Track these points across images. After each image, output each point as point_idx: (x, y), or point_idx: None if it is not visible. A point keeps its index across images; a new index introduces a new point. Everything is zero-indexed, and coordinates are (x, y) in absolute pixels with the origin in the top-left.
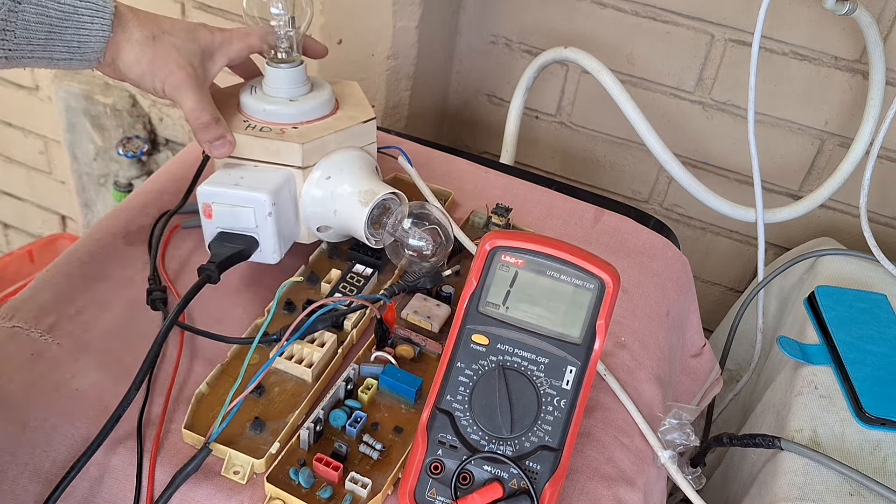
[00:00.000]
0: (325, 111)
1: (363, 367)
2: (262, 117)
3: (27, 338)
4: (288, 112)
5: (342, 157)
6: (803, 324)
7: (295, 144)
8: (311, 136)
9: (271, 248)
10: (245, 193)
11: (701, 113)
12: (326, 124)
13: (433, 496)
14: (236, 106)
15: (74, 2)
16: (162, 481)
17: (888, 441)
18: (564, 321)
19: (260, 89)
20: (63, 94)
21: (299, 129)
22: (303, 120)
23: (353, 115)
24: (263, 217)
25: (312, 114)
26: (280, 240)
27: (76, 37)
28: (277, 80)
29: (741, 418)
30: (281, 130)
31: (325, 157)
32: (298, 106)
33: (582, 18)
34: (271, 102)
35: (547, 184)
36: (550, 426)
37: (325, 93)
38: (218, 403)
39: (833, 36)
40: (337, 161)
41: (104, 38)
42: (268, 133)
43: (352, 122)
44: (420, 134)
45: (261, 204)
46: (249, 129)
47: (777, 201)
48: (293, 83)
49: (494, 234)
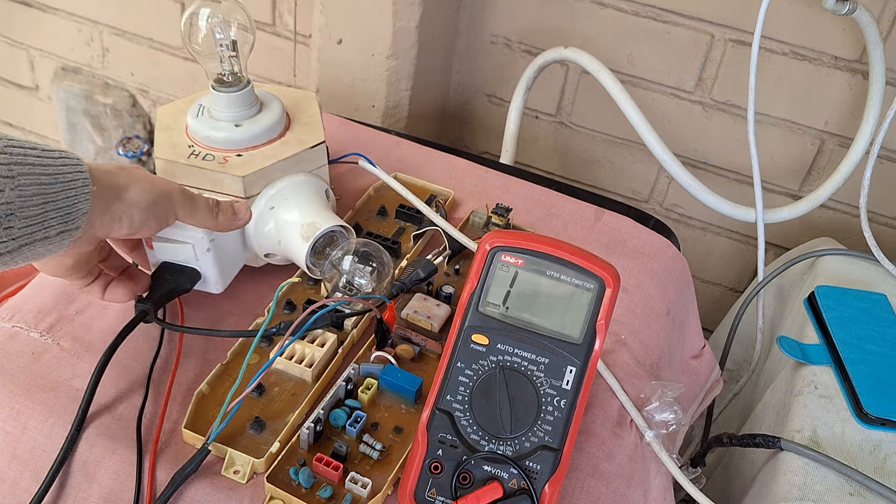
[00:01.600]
0: (272, 135)
1: (363, 366)
2: (206, 143)
3: (27, 338)
4: (233, 139)
5: (287, 185)
6: (803, 324)
7: (236, 177)
8: (254, 165)
9: (213, 280)
10: (182, 231)
11: (701, 113)
12: (273, 151)
13: (433, 496)
14: (184, 128)
15: (53, 160)
16: (162, 481)
17: (888, 441)
18: (564, 321)
19: (207, 111)
20: (63, 94)
21: (244, 156)
22: (248, 146)
23: (302, 138)
24: (203, 252)
25: (258, 139)
26: (222, 271)
27: (65, 200)
28: (222, 104)
29: (741, 418)
30: (224, 159)
31: (270, 185)
32: (244, 131)
33: (582, 18)
34: (216, 128)
35: (547, 184)
36: (550, 426)
37: (273, 114)
38: (218, 403)
39: (833, 36)
40: (282, 189)
41: (87, 193)
42: (210, 162)
43: (300, 146)
44: (420, 134)
45: (199, 241)
46: (192, 157)
47: (777, 201)
48: (239, 107)
49: (494, 234)
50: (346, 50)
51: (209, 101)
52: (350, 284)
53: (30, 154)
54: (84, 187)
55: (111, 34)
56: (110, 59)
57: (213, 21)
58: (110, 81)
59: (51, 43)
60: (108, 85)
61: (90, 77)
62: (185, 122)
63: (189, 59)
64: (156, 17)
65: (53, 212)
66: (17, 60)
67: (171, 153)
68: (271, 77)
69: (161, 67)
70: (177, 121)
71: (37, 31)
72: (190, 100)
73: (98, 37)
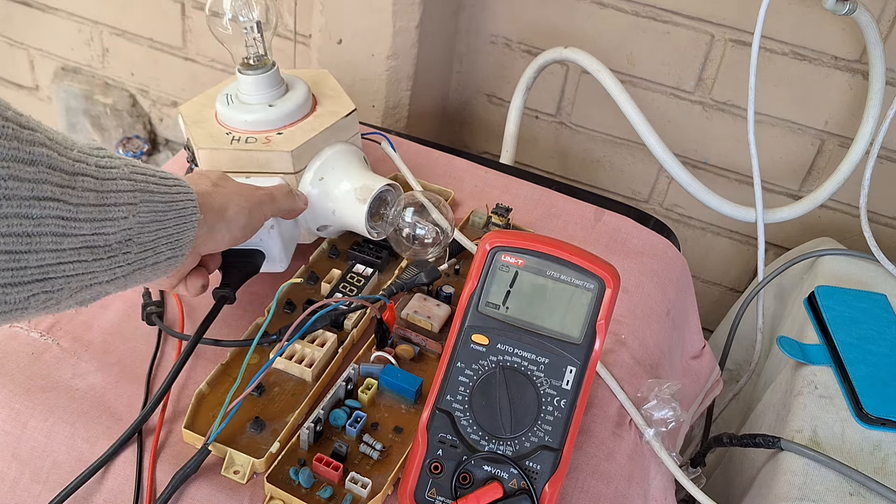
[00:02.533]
0: (305, 110)
1: (363, 366)
2: (244, 127)
3: (27, 338)
4: (270, 118)
5: (331, 154)
6: (803, 324)
7: (283, 153)
8: (298, 140)
9: (278, 257)
10: None
11: (701, 113)
12: (310, 124)
13: (433, 496)
14: (214, 117)
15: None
16: (162, 481)
17: (888, 441)
18: (564, 321)
19: (236, 97)
20: (63, 94)
21: (284, 133)
22: (286, 123)
23: (334, 109)
24: (266, 231)
25: (294, 116)
26: (285, 248)
27: (176, 227)
28: (253, 86)
29: (741, 418)
30: (266, 139)
31: (315, 157)
32: (278, 110)
33: (582, 18)
34: (251, 111)
35: (547, 184)
36: (550, 426)
37: (302, 91)
38: (218, 403)
39: (833, 36)
40: (327, 160)
41: (195, 221)
42: (254, 144)
43: (335, 117)
44: (420, 134)
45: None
46: (235, 143)
47: (777, 201)
48: (269, 87)
49: (494, 234)
50: (346, 50)
51: (236, 88)
52: (412, 238)
53: (150, 181)
54: (193, 216)
55: (111, 34)
56: (110, 59)
57: (238, 4)
58: (110, 81)
59: (51, 43)
60: (108, 85)
61: (90, 77)
62: (213, 113)
63: (189, 59)
64: (156, 17)
65: (164, 238)
66: (17, 60)
67: (213, 142)
68: None
69: (161, 67)
70: (202, 114)
71: (37, 31)
72: (207, 95)
73: (98, 37)
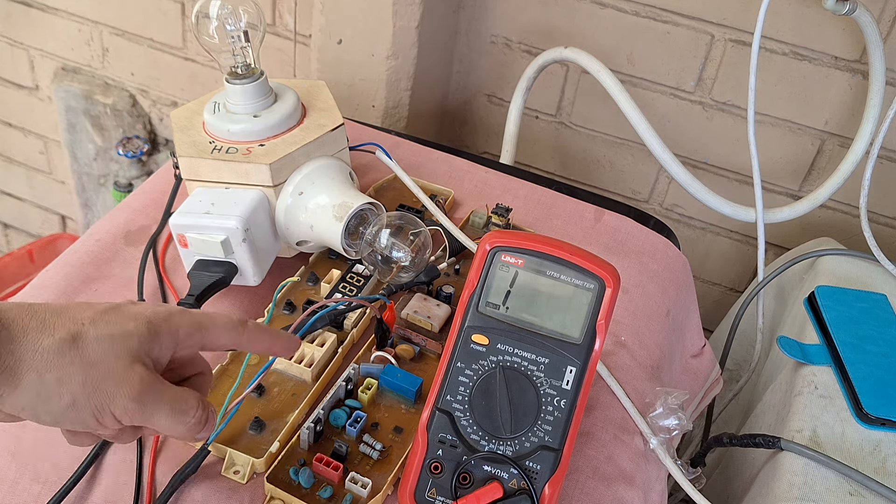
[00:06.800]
0: (291, 123)
1: (363, 366)
2: (228, 137)
3: None
4: (254, 129)
5: (313, 169)
6: (803, 324)
7: (262, 165)
8: (278, 153)
9: (250, 272)
10: (217, 222)
11: (701, 113)
12: (294, 137)
13: (433, 496)
14: (202, 125)
15: None
16: (162, 481)
17: (888, 441)
18: (564, 321)
19: (223, 106)
20: (63, 94)
21: (266, 145)
22: (269, 136)
23: (322, 122)
24: (238, 244)
25: (278, 128)
26: (258, 262)
27: None
28: (239, 96)
29: (741, 418)
30: (247, 150)
31: (296, 171)
32: (263, 121)
33: (582, 18)
34: (235, 121)
35: (547, 184)
36: (550, 426)
37: (289, 103)
38: (218, 403)
39: (833, 36)
40: (308, 174)
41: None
42: (234, 155)
43: (320, 131)
44: (420, 134)
45: (233, 232)
46: (216, 153)
47: (777, 201)
48: (256, 98)
49: (494, 234)
50: (346, 50)
51: (224, 97)
52: (388, 259)
53: None
54: None
55: (111, 34)
56: (110, 59)
57: (224, 13)
58: (110, 81)
59: (51, 43)
60: (108, 85)
61: (90, 77)
62: (202, 121)
63: (189, 59)
64: (156, 17)
65: None
66: (17, 60)
67: (194, 151)
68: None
69: (161, 67)
70: (192, 121)
71: (37, 31)
72: (201, 101)
73: (98, 37)
